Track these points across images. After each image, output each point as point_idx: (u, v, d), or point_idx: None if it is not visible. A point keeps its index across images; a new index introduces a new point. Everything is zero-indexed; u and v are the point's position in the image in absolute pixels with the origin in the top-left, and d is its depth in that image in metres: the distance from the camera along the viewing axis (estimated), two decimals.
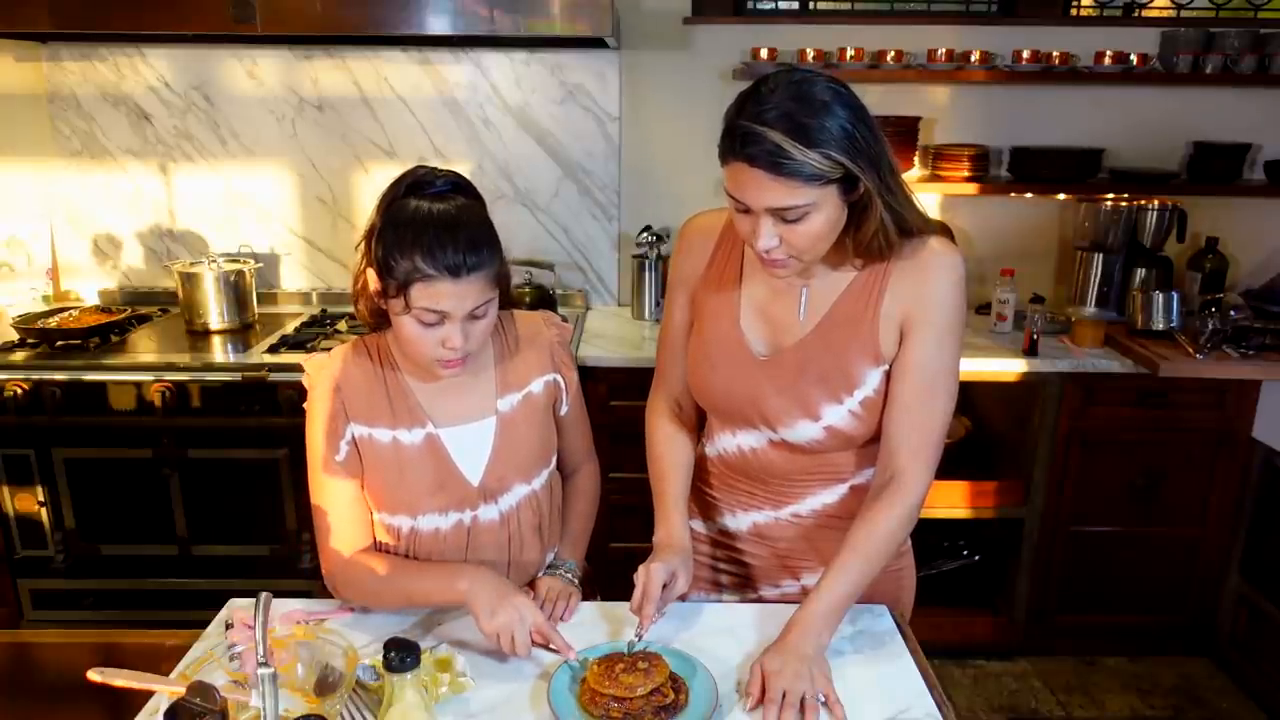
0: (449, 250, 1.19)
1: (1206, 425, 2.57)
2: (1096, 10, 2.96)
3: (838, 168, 1.11)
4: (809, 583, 1.39)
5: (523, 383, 1.41)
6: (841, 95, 1.13)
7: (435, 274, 1.19)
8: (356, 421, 1.33)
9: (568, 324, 1.52)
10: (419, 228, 1.20)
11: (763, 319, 1.34)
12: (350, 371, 1.35)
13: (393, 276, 1.21)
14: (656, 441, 1.46)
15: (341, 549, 1.35)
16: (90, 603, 2.59)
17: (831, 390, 1.28)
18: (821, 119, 1.10)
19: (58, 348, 2.50)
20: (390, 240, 1.22)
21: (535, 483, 1.43)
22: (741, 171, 1.13)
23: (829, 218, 1.16)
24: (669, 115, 2.87)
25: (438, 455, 1.35)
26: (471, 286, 1.21)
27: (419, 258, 1.19)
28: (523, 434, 1.40)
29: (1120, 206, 2.77)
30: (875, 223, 1.18)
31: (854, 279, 1.28)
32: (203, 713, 0.92)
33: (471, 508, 1.38)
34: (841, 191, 1.15)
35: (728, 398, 1.36)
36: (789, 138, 1.09)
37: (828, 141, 1.10)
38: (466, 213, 1.25)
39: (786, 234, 1.16)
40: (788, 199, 1.12)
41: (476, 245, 1.21)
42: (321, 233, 3.00)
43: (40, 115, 2.88)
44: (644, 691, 1.13)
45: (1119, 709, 2.58)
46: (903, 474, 1.26)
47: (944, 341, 1.26)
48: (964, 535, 2.84)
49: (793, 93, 1.11)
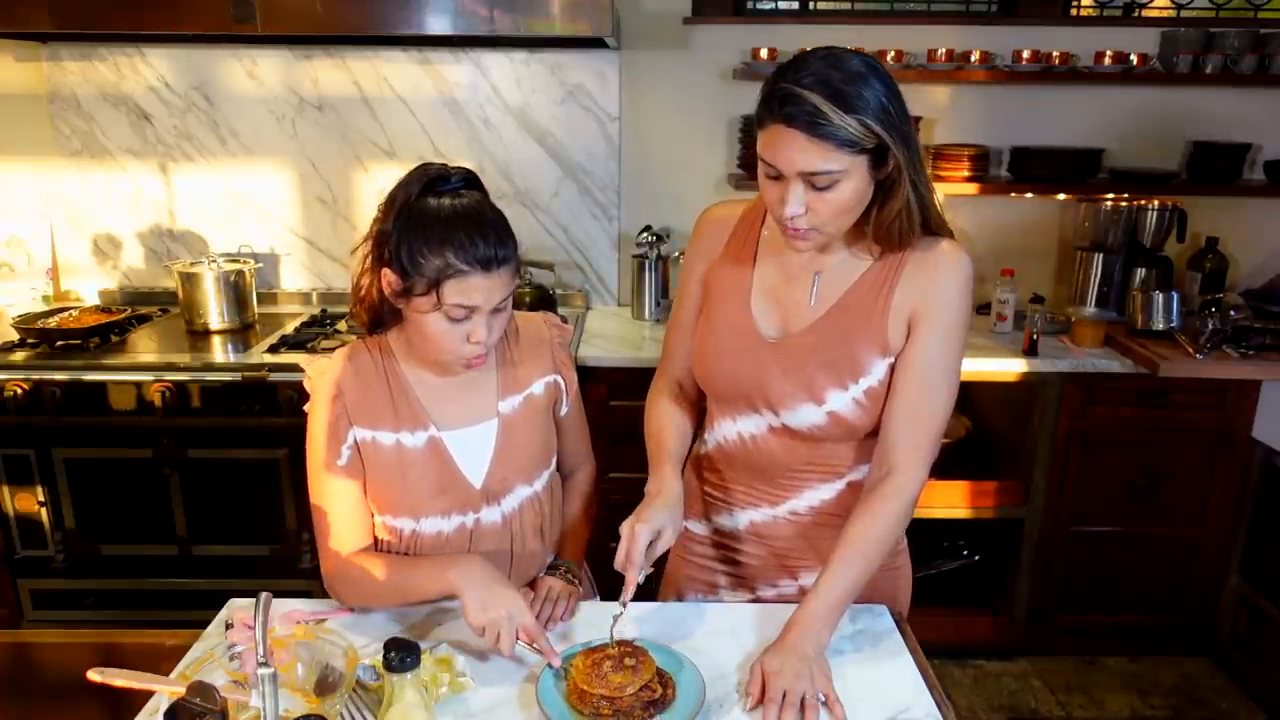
0: (480, 244, 1.20)
1: (1206, 425, 2.57)
2: (1096, 10, 2.96)
3: (872, 137, 1.14)
4: (807, 582, 1.39)
5: (524, 384, 1.41)
6: (878, 70, 1.16)
7: (468, 269, 1.20)
8: (359, 425, 1.33)
9: (568, 325, 1.52)
10: (447, 224, 1.21)
11: (774, 302, 1.35)
12: (352, 374, 1.34)
13: (421, 274, 1.21)
14: (654, 415, 1.46)
15: (340, 550, 1.35)
16: (90, 603, 2.59)
17: (838, 376, 1.29)
18: (859, 87, 1.13)
19: (58, 348, 2.50)
20: (417, 239, 1.21)
21: (536, 484, 1.43)
22: (778, 134, 1.15)
23: (857, 189, 1.18)
24: (669, 115, 2.87)
25: (440, 458, 1.35)
26: (500, 279, 1.23)
27: (451, 254, 1.19)
28: (524, 435, 1.40)
29: (1120, 206, 2.77)
30: (900, 202, 1.20)
31: (867, 270, 1.30)
32: (203, 713, 0.92)
33: (474, 510, 1.38)
34: (871, 165, 1.17)
35: (733, 379, 1.36)
36: (828, 101, 1.11)
37: (865, 109, 1.13)
38: (488, 207, 1.26)
39: (814, 202, 1.18)
40: (820, 163, 1.14)
41: (503, 238, 1.23)
42: (321, 233, 3.00)
43: (40, 115, 2.88)
44: (633, 690, 1.13)
45: (1119, 709, 2.58)
46: (899, 469, 1.27)
47: (948, 340, 1.27)
48: (964, 535, 2.84)
49: (832, 62, 1.14)
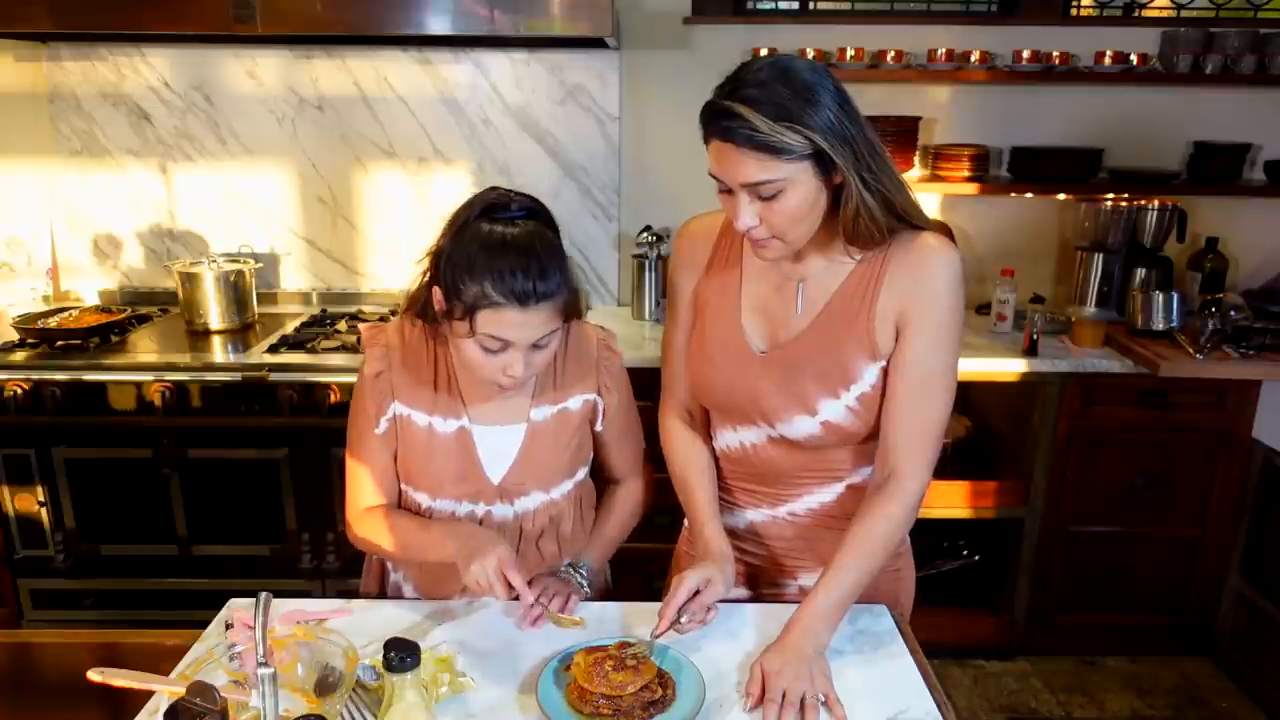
0: (519, 277, 1.18)
1: (1206, 425, 2.57)
2: (1096, 10, 2.96)
3: (808, 144, 1.13)
4: (806, 583, 1.39)
5: (561, 398, 1.40)
6: (819, 75, 1.16)
7: (503, 301, 1.18)
8: (400, 400, 1.37)
9: (619, 350, 1.48)
10: (490, 252, 1.19)
11: (762, 314, 1.34)
12: (401, 350, 1.37)
13: (459, 300, 1.20)
14: (677, 451, 1.45)
15: (364, 503, 1.41)
16: (90, 603, 2.59)
17: (828, 385, 1.28)
18: (797, 97, 1.12)
19: (58, 348, 2.50)
20: (460, 263, 1.20)
21: (554, 492, 1.43)
22: (718, 149, 1.17)
23: (806, 196, 1.17)
24: (669, 115, 2.87)
25: (465, 448, 1.37)
26: (538, 316, 1.21)
27: (488, 283, 1.18)
28: (550, 445, 1.40)
29: (1120, 206, 2.77)
30: (854, 203, 1.18)
31: (850, 273, 1.28)
32: (203, 713, 0.92)
33: (487, 502, 1.40)
34: (818, 171, 1.16)
35: (728, 395, 1.36)
36: (759, 113, 1.12)
37: (800, 118, 1.12)
38: (540, 239, 1.23)
39: (765, 213, 1.18)
40: (760, 174, 1.14)
41: (546, 274, 1.20)
42: (321, 233, 3.00)
43: (40, 115, 2.88)
44: (634, 689, 1.13)
45: (1119, 709, 2.58)
46: (901, 472, 1.26)
47: (940, 338, 1.26)
48: (964, 535, 2.84)
49: (770, 73, 1.14)
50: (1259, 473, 2.58)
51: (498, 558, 1.23)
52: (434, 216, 2.93)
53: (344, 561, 2.56)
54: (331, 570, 2.57)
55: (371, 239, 3.00)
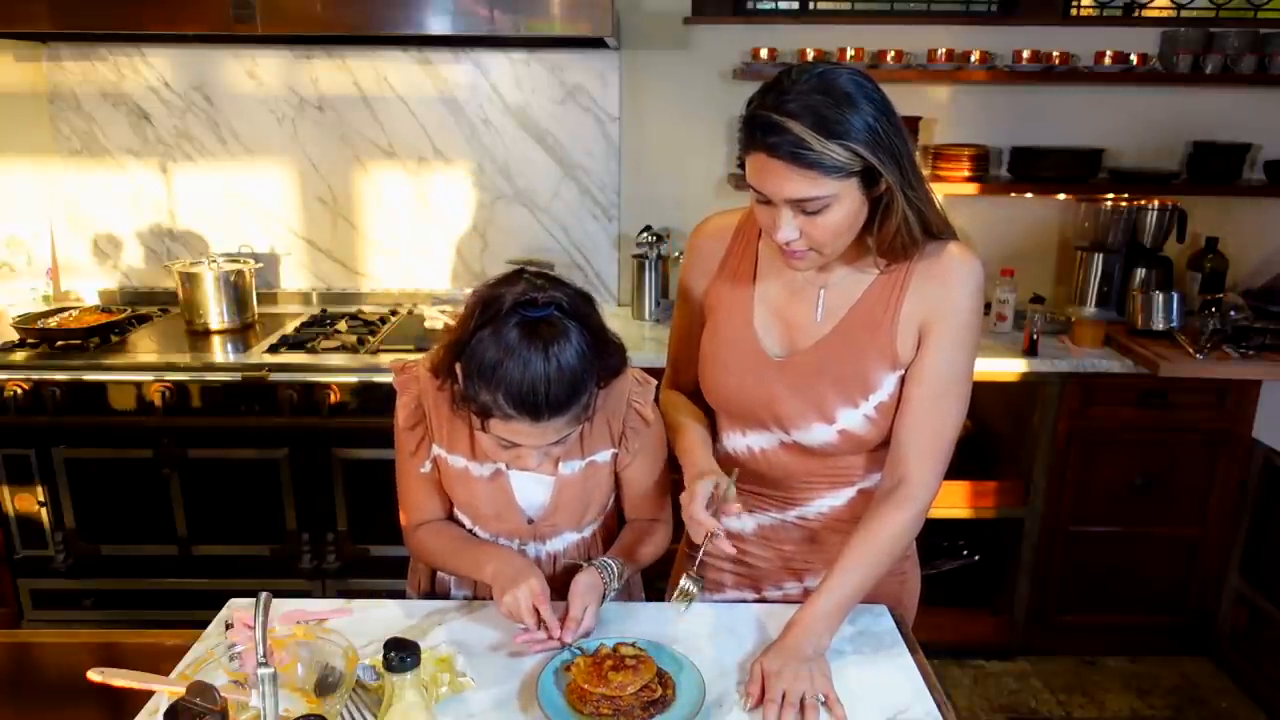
0: (533, 395, 1.14)
1: (1206, 425, 2.57)
2: (1096, 10, 2.96)
3: (858, 160, 1.10)
4: (812, 585, 1.38)
5: (588, 452, 1.38)
6: (865, 88, 1.12)
7: (515, 415, 1.16)
8: (438, 443, 1.37)
9: (651, 381, 1.41)
10: (509, 363, 1.14)
11: (778, 319, 1.33)
12: (435, 396, 1.34)
13: (474, 400, 1.18)
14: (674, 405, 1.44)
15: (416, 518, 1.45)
16: (90, 603, 2.59)
17: (847, 394, 1.27)
18: (844, 111, 1.09)
19: (58, 348, 2.50)
20: (478, 365, 1.16)
21: (585, 531, 1.45)
22: (762, 162, 1.13)
23: (850, 211, 1.15)
24: (669, 115, 2.87)
25: (502, 490, 1.38)
26: (552, 427, 1.19)
27: (501, 394, 1.15)
28: (580, 491, 1.40)
29: (1120, 206, 2.77)
30: (898, 219, 1.17)
31: (873, 282, 1.27)
32: (203, 713, 0.92)
33: (522, 540, 1.42)
34: (863, 186, 1.14)
35: (740, 398, 1.35)
36: (810, 129, 1.08)
37: (849, 134, 1.09)
38: (562, 353, 1.16)
39: (807, 226, 1.16)
40: (808, 190, 1.12)
41: (565, 392, 1.16)
42: (321, 233, 3.00)
43: (40, 115, 2.88)
44: (634, 689, 1.13)
45: (1119, 709, 2.58)
46: (911, 478, 1.26)
47: (959, 348, 1.25)
48: (964, 535, 2.84)
49: (815, 84, 1.10)
50: (1259, 473, 2.58)
51: (530, 590, 1.25)
52: (434, 216, 2.96)
53: (344, 561, 2.57)
54: (331, 570, 2.57)
55: (371, 239, 3.00)
